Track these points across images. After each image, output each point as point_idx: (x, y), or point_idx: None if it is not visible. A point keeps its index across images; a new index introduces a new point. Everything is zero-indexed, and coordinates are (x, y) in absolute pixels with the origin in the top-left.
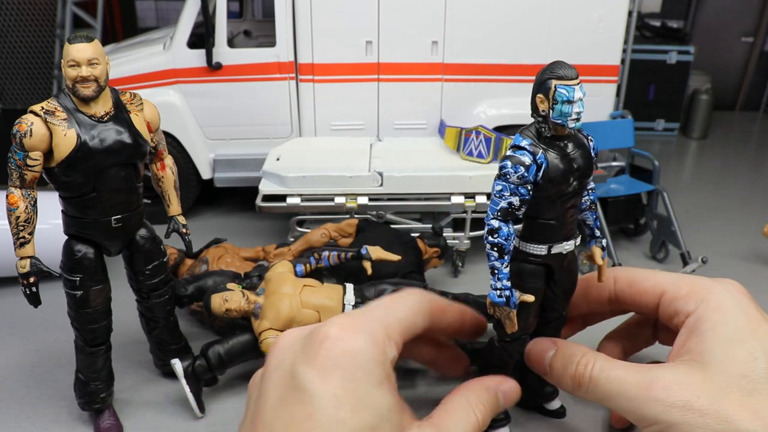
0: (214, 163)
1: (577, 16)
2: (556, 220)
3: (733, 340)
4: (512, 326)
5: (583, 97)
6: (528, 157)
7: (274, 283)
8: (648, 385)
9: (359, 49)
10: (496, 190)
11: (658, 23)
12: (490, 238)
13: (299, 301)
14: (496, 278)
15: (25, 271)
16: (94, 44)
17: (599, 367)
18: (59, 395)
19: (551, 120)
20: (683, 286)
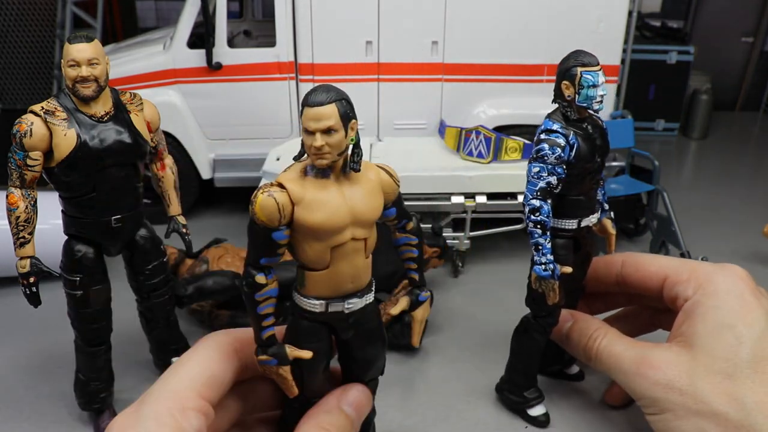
0: (214, 163)
1: (577, 16)
2: (584, 195)
3: (722, 324)
4: (555, 297)
5: (604, 82)
6: (562, 138)
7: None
8: (639, 361)
9: (359, 49)
10: (534, 172)
11: (658, 23)
12: (532, 216)
13: None
14: (540, 254)
15: (25, 271)
16: (94, 44)
17: (606, 342)
18: (59, 395)
19: (577, 104)
20: (684, 271)
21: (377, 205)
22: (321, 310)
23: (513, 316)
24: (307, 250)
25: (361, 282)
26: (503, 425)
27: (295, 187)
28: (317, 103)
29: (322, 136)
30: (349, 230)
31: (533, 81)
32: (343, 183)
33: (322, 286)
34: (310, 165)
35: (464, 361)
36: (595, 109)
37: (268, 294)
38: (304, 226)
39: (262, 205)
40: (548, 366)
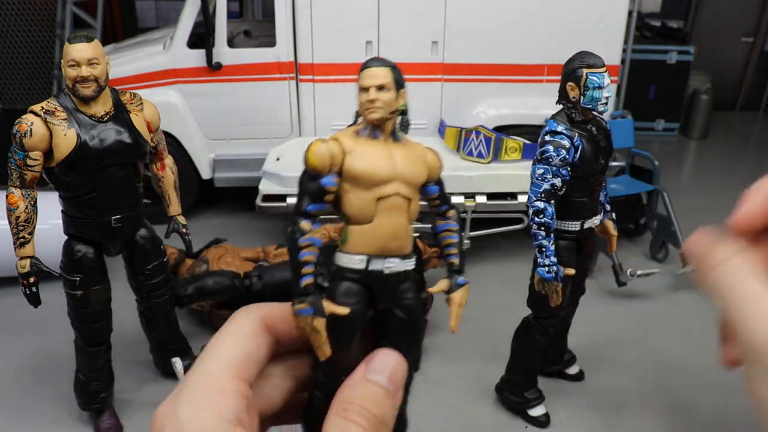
0: (214, 163)
1: (577, 16)
2: (588, 197)
3: None
4: (558, 299)
5: (610, 83)
6: (567, 140)
7: None
8: None
9: (359, 49)
10: (538, 174)
11: (658, 23)
12: (536, 219)
13: None
14: (544, 256)
15: (25, 271)
16: (94, 44)
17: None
18: (59, 395)
19: (581, 105)
20: None
21: (421, 170)
22: (362, 266)
23: (513, 316)
24: (353, 201)
25: (403, 244)
26: (503, 425)
27: (347, 140)
28: (373, 65)
29: (375, 91)
30: (394, 184)
31: (533, 81)
32: (390, 144)
33: (365, 241)
34: (363, 127)
35: (464, 361)
36: (600, 110)
37: (310, 240)
38: (351, 172)
39: (315, 150)
40: (548, 366)
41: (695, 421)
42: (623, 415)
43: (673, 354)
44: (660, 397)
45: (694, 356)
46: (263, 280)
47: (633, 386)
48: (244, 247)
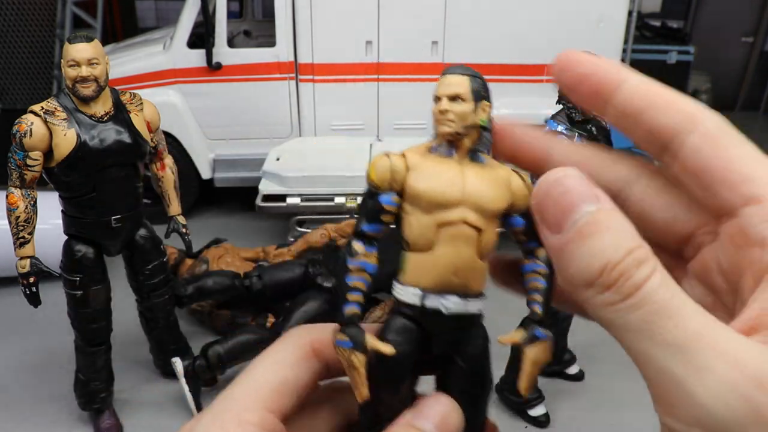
0: (214, 163)
1: (577, 16)
2: None
3: None
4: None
5: None
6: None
7: None
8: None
9: (359, 49)
10: None
11: (658, 23)
12: None
13: None
14: None
15: (25, 271)
16: (94, 44)
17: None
18: (59, 395)
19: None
20: None
21: (499, 197)
22: (416, 302)
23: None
24: (413, 224)
25: (468, 281)
26: (503, 425)
27: (414, 156)
28: (450, 72)
29: (448, 102)
30: (460, 210)
31: (533, 81)
32: (465, 164)
33: (422, 271)
34: (436, 143)
35: None
36: None
37: (361, 264)
38: (412, 191)
39: (376, 165)
40: (548, 366)
41: None
42: (623, 415)
43: None
44: None
45: None
46: (263, 280)
47: (633, 386)
48: (244, 247)
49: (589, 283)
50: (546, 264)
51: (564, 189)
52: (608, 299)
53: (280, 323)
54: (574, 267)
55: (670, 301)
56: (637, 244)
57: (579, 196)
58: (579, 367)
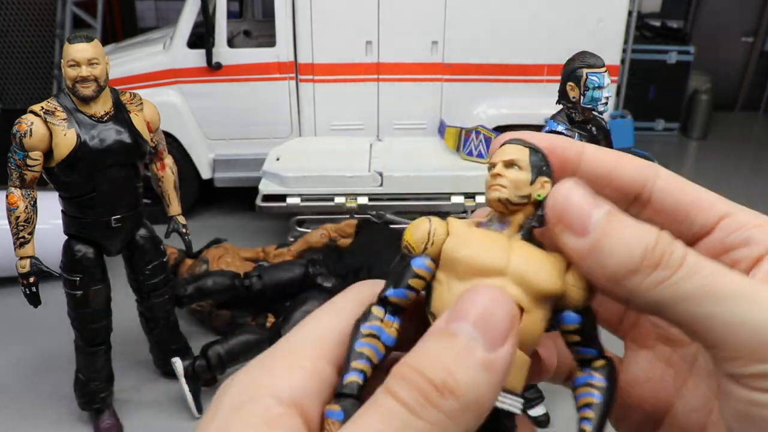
0: (214, 163)
1: (576, 16)
2: None
3: None
4: None
5: (610, 83)
6: None
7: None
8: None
9: (359, 49)
10: None
11: (658, 23)
12: None
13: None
14: None
15: (25, 271)
16: (94, 44)
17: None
18: (59, 395)
19: (582, 105)
20: (753, 215)
21: (549, 278)
22: None
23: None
24: (444, 294)
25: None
26: None
27: (459, 224)
28: (509, 142)
29: (502, 167)
30: (501, 281)
31: (533, 81)
32: (515, 241)
33: None
34: (487, 219)
35: None
36: (600, 110)
37: (375, 330)
38: (449, 256)
39: (415, 225)
40: None
41: None
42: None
43: None
44: None
45: None
46: (263, 280)
47: None
48: (244, 247)
49: (635, 269)
50: (605, 377)
51: (579, 195)
52: (658, 277)
53: (280, 323)
54: (614, 260)
55: (714, 265)
56: (658, 229)
57: (592, 200)
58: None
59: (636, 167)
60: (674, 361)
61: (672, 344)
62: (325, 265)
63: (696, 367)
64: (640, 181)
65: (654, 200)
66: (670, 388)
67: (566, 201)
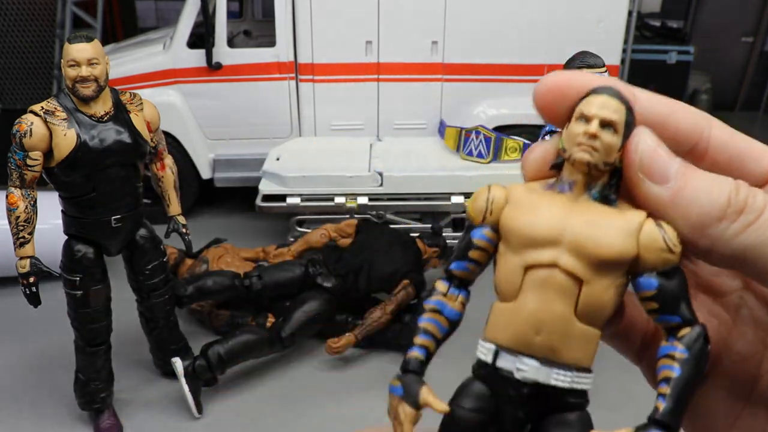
0: (214, 163)
1: (576, 15)
2: None
3: None
4: None
5: None
6: None
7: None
8: None
9: (359, 49)
10: None
11: (658, 23)
12: None
13: None
14: None
15: (25, 271)
16: (94, 44)
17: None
18: (59, 395)
19: None
20: None
21: (616, 242)
22: (487, 359)
23: None
24: (501, 266)
25: (557, 345)
26: None
27: (520, 189)
28: (607, 93)
29: (598, 126)
30: (554, 252)
31: (533, 81)
32: (581, 203)
33: (501, 324)
34: (555, 181)
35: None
36: None
37: (438, 306)
38: (505, 226)
39: (477, 194)
40: None
41: None
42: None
43: None
44: None
45: None
46: (263, 280)
47: (633, 386)
48: (244, 247)
49: (720, 215)
50: (687, 348)
51: (656, 143)
52: (745, 221)
53: (280, 323)
54: (697, 208)
55: None
56: (731, 178)
57: (667, 150)
58: None
59: (691, 117)
60: (716, 312)
61: (713, 294)
62: (325, 265)
63: (740, 316)
64: (696, 132)
65: (711, 150)
66: (715, 338)
67: (645, 149)
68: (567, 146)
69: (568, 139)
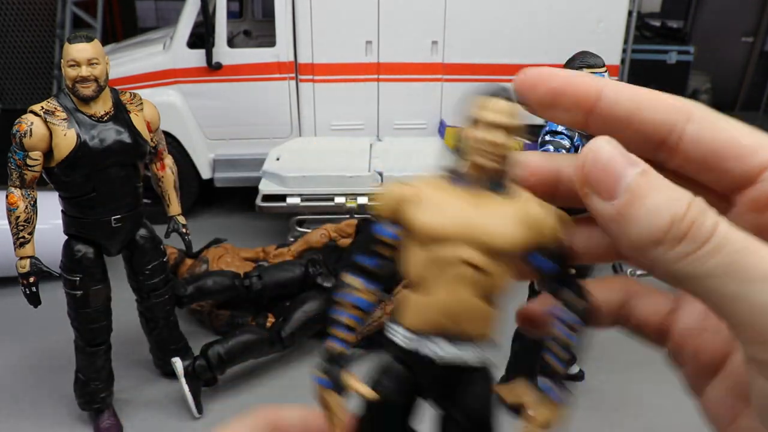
0: (214, 163)
1: (576, 15)
2: None
3: None
4: None
5: None
6: (567, 140)
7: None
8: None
9: (359, 49)
10: None
11: (657, 23)
12: None
13: None
14: None
15: (25, 271)
16: (93, 44)
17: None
18: (59, 395)
19: None
20: None
21: (514, 233)
22: (402, 342)
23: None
24: (410, 260)
25: (464, 328)
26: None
27: (428, 187)
28: (497, 95)
29: (500, 134)
30: (459, 247)
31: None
32: (483, 196)
33: (414, 312)
34: (457, 177)
35: None
36: None
37: (350, 299)
38: (410, 224)
39: (385, 193)
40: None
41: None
42: (623, 415)
43: None
44: (660, 397)
45: None
46: (263, 280)
47: (633, 386)
48: (244, 247)
49: (659, 240)
50: (578, 316)
51: (609, 155)
52: (684, 250)
53: (280, 323)
54: (637, 229)
55: (746, 239)
56: (692, 195)
57: (623, 161)
58: (579, 367)
59: (664, 107)
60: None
61: None
62: (325, 265)
63: None
64: (668, 124)
65: (684, 146)
66: (726, 338)
67: (596, 160)
68: (466, 149)
69: (467, 142)
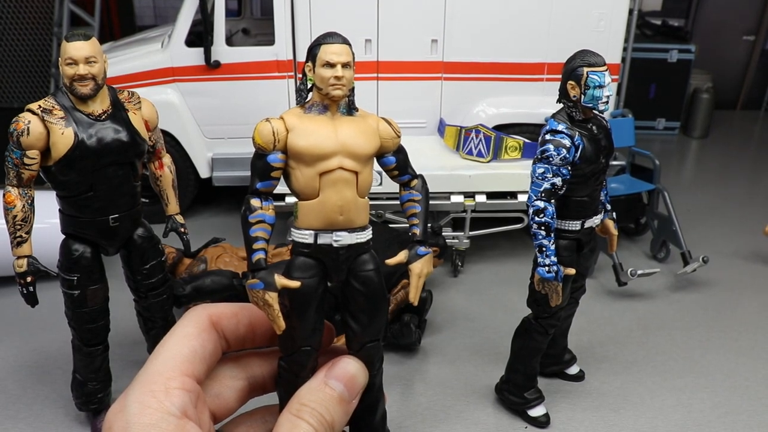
0: (212, 162)
1: (577, 14)
2: (589, 196)
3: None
4: (559, 299)
5: (611, 82)
6: (567, 140)
7: None
8: None
9: (358, 48)
10: (539, 173)
11: (658, 22)
12: (536, 218)
13: None
14: (544, 255)
15: (23, 271)
16: (91, 42)
17: None
18: (56, 395)
19: (582, 104)
20: None
21: (369, 142)
22: (310, 240)
23: (513, 315)
24: (299, 177)
25: (352, 217)
26: (503, 426)
27: (292, 118)
28: (337, 41)
29: (341, 68)
30: (337, 158)
31: (533, 80)
32: (337, 119)
33: (312, 216)
34: (311, 104)
35: (464, 361)
36: (601, 109)
37: (260, 217)
38: (294, 149)
39: (260, 129)
40: (548, 366)
41: (696, 421)
42: (623, 415)
43: (674, 354)
44: (660, 397)
45: (694, 356)
46: None
47: (633, 386)
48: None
49: None
50: (420, 191)
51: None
52: None
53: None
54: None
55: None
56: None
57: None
58: (579, 368)
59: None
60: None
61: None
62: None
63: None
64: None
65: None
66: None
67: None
68: (322, 86)
69: (321, 81)
